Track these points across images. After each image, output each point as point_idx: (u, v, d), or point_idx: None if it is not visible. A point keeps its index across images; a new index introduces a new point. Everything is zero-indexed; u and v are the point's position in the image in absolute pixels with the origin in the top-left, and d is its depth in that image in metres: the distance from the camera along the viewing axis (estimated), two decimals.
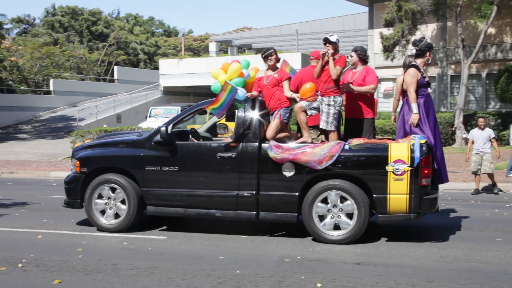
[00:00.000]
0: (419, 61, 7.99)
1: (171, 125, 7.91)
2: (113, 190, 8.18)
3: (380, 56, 25.50)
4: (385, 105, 26.78)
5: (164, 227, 8.56)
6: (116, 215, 8.20)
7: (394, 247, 7.15)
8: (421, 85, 7.81)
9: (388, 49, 23.40)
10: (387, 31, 23.75)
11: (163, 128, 7.82)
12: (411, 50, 10.47)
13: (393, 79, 26.79)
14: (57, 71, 45.75)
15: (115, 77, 45.74)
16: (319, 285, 5.60)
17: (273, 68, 8.06)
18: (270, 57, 8.03)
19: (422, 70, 7.88)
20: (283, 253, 6.89)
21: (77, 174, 8.41)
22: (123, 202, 8.12)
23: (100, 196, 8.22)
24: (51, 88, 39.43)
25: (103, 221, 8.23)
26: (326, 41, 7.81)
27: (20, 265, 6.37)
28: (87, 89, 41.74)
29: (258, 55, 37.62)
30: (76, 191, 8.37)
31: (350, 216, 7.29)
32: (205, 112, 7.98)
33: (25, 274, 6.06)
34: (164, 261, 6.55)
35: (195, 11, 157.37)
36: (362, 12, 33.42)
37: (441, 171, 7.83)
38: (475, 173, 12.07)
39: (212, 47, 46.75)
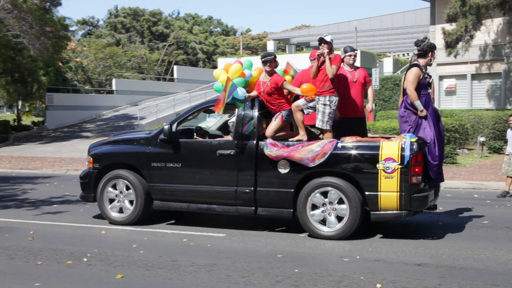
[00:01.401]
0: (421, 61, 7.94)
1: (175, 124, 8.33)
2: (123, 185, 8.62)
3: (442, 52, 24.83)
4: (447, 103, 26.08)
5: (173, 221, 8.92)
6: (124, 210, 8.65)
7: (457, 249, 6.94)
8: (422, 85, 7.78)
9: (450, 45, 22.74)
10: (449, 27, 23.08)
11: (166, 127, 8.21)
12: (475, 46, 10.15)
13: (456, 76, 26.09)
14: (119, 71, 46.99)
15: (175, 76, 46.50)
16: (378, 285, 5.51)
17: (270, 74, 8.11)
18: (269, 63, 8.07)
19: (424, 70, 7.85)
20: (341, 253, 6.82)
21: (91, 169, 8.93)
22: (131, 197, 8.57)
23: (111, 190, 8.70)
24: (114, 88, 40.48)
25: (113, 214, 8.69)
26: (321, 41, 7.93)
27: (85, 259, 6.58)
28: (147, 88, 42.60)
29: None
30: (90, 185, 8.90)
31: (342, 213, 7.43)
32: (211, 111, 8.32)
33: (89, 268, 6.25)
34: (222, 258, 6.61)
35: (253, 9, 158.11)
36: (424, 7, 32.61)
37: (440, 170, 7.82)
38: (507, 175, 11.39)
39: (270, 45, 46.77)
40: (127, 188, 8.61)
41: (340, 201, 7.43)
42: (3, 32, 26.12)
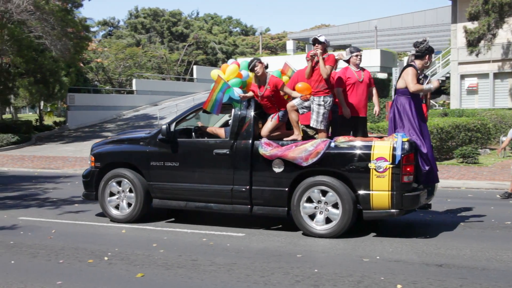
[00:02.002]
0: (418, 63, 8.00)
1: (173, 124, 8.47)
2: (123, 184, 8.81)
3: (463, 51, 24.59)
4: (469, 102, 25.81)
5: (172, 219, 9.09)
6: (124, 207, 8.83)
7: (479, 250, 6.86)
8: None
9: (472, 44, 22.50)
10: (471, 25, 22.83)
11: (164, 126, 8.40)
12: (498, 44, 10.04)
13: (478, 75, 25.79)
14: (139, 71, 47.33)
15: (194, 76, 46.68)
16: (399, 286, 5.47)
17: (263, 77, 8.16)
18: (255, 68, 8.10)
19: (419, 72, 7.92)
20: (361, 253, 6.78)
21: (92, 168, 9.15)
22: (131, 195, 8.75)
23: (111, 189, 8.89)
24: (134, 88, 40.77)
25: (113, 212, 8.90)
26: (315, 41, 7.98)
27: (106, 258, 6.64)
28: (167, 88, 42.81)
29: (335, 52, 37.22)
30: (92, 184, 9.10)
31: (335, 211, 7.51)
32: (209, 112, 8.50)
33: (110, 267, 6.30)
34: (242, 258, 6.61)
35: (272, 9, 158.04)
36: (445, 6, 32.31)
37: (434, 171, 7.89)
38: None
39: (290, 45, 46.69)
40: (128, 187, 8.78)
41: (333, 200, 7.51)
42: (26, 33, 26.46)
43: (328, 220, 7.59)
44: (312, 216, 7.67)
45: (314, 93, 7.93)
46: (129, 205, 8.82)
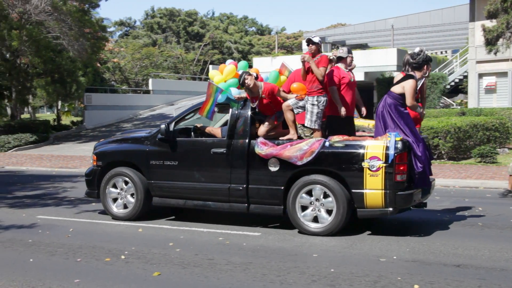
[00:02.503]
0: (417, 73, 8.11)
1: (173, 123, 8.65)
2: (124, 182, 8.96)
3: (481, 49, 24.34)
4: (487, 101, 25.56)
5: (172, 217, 9.21)
6: (126, 206, 8.99)
7: (497, 250, 6.78)
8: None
9: (490, 42, 22.24)
10: (489, 23, 22.58)
11: (163, 126, 8.56)
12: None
13: (496, 74, 25.53)
14: (156, 71, 47.56)
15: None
16: (416, 286, 5.43)
17: (256, 88, 8.16)
18: (246, 81, 8.09)
19: (417, 83, 8.03)
20: (378, 253, 6.75)
21: (94, 167, 9.32)
22: (132, 193, 8.91)
23: (113, 187, 9.06)
24: (150, 88, 40.97)
25: (114, 210, 9.06)
26: (310, 42, 8.11)
27: (122, 257, 6.68)
28: (183, 88, 42.94)
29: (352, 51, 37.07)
30: (94, 182, 9.28)
31: (330, 210, 7.59)
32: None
33: (127, 266, 6.34)
34: (258, 257, 6.62)
35: (288, 8, 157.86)
36: (463, 4, 32.01)
37: (425, 175, 7.94)
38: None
39: (305, 44, 46.64)
40: (129, 186, 8.93)
41: (328, 199, 7.59)
42: (44, 34, 26.73)
43: (323, 218, 7.66)
44: (307, 215, 7.75)
45: (308, 93, 8.04)
46: (126, 205, 8.97)
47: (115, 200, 9.09)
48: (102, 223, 8.88)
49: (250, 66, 9.11)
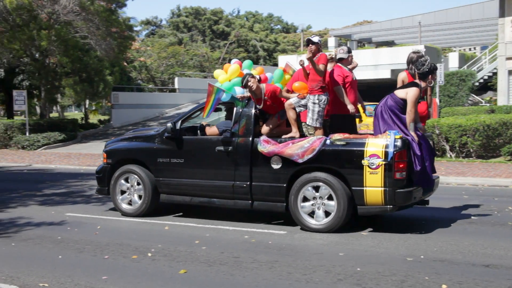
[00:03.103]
0: (422, 83, 8.09)
1: (179, 122, 8.85)
2: (133, 179, 9.16)
3: (511, 46, 23.90)
4: None
5: (180, 213, 9.41)
6: (134, 202, 9.18)
7: None
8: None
9: None
10: None
11: (169, 124, 8.76)
12: None
13: None
14: (182, 69, 47.82)
15: None
16: (444, 286, 5.36)
17: (258, 90, 8.26)
18: (249, 83, 8.18)
19: (421, 92, 8.03)
20: (405, 252, 6.68)
21: (104, 165, 9.56)
22: (140, 190, 9.09)
23: (122, 184, 9.27)
24: (176, 86, 41.20)
25: (123, 206, 9.27)
26: (309, 42, 8.13)
27: (149, 254, 6.74)
28: None
29: (378, 49, 36.56)
30: (104, 180, 9.50)
31: (331, 207, 7.67)
32: (219, 109, 9.36)
33: (153, 263, 6.39)
34: (284, 256, 6.61)
35: (314, 6, 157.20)
36: None
37: (428, 174, 7.98)
38: None
39: (331, 42, 46.28)
40: (137, 183, 9.14)
41: (329, 196, 7.68)
42: (72, 33, 27.09)
43: (324, 215, 7.76)
44: (308, 211, 7.86)
45: (309, 92, 8.09)
46: (135, 201, 9.18)
47: (124, 197, 9.30)
48: (129, 220, 8.97)
49: (256, 63, 9.20)
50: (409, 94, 7.89)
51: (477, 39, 44.05)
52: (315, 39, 8.17)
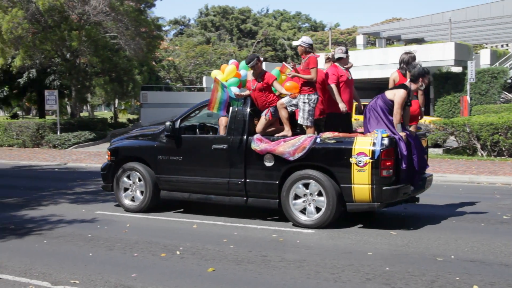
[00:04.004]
0: (413, 86, 8.25)
1: (178, 121, 9.11)
2: (135, 176, 9.49)
3: None
4: None
5: (181, 210, 9.67)
6: (136, 198, 9.53)
7: None
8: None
9: None
10: None
11: (167, 123, 9.02)
12: None
13: None
14: (210, 68, 47.99)
15: None
16: (475, 287, 5.28)
17: (259, 73, 8.61)
18: (254, 66, 8.58)
19: (410, 95, 8.17)
20: (435, 252, 6.60)
21: (109, 162, 9.91)
22: (142, 187, 9.43)
23: (125, 181, 9.60)
24: (204, 85, 41.37)
25: (126, 202, 9.63)
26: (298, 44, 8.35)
27: (178, 252, 6.79)
28: None
29: (407, 46, 36.13)
30: (108, 176, 9.87)
31: (321, 203, 7.87)
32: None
33: (182, 261, 6.44)
34: (312, 255, 6.59)
35: (342, 4, 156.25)
36: None
37: (413, 174, 8.04)
38: None
39: (360, 40, 45.92)
40: (139, 179, 9.46)
41: (319, 193, 7.87)
42: (102, 34, 27.43)
43: (315, 212, 7.97)
44: (299, 208, 8.07)
45: (300, 92, 8.25)
46: (137, 198, 9.51)
47: (126, 193, 9.64)
48: (158, 219, 9.05)
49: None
50: (397, 96, 8.02)
51: (510, 36, 43.17)
52: (296, 42, 8.42)
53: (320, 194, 7.86)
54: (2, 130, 26.61)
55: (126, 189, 9.65)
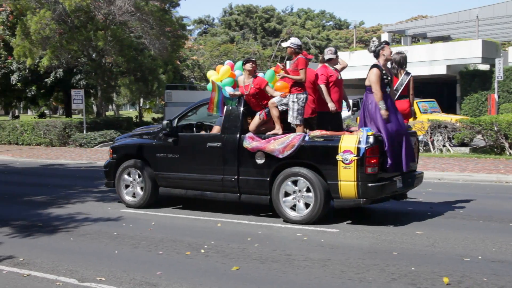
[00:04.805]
0: (381, 61, 8.42)
1: (176, 120, 9.51)
2: (135, 173, 9.86)
3: None
4: None
5: (180, 205, 10.01)
6: (136, 195, 9.90)
7: None
8: (382, 84, 8.23)
9: None
10: None
11: (164, 122, 9.44)
12: None
13: None
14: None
15: None
16: None
17: (252, 74, 8.86)
18: (250, 64, 8.86)
19: (384, 70, 8.31)
20: (462, 252, 6.51)
21: (111, 160, 10.32)
22: (141, 184, 9.79)
23: (125, 178, 9.96)
24: None
25: (127, 198, 10.00)
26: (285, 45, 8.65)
27: (202, 251, 6.82)
28: None
29: (433, 44, 35.70)
30: (111, 174, 10.24)
31: (309, 200, 8.09)
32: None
33: (206, 259, 6.46)
34: (337, 254, 6.56)
35: (367, 1, 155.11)
36: None
37: (401, 161, 8.18)
38: None
39: (384, 38, 45.35)
40: (139, 176, 9.84)
41: (307, 189, 8.10)
42: (127, 33, 27.66)
43: (303, 208, 8.18)
44: (289, 204, 8.30)
45: (290, 91, 8.49)
46: (137, 194, 9.88)
47: (127, 189, 9.98)
48: (182, 217, 9.10)
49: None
50: (369, 76, 8.25)
51: None
52: (285, 44, 8.64)
53: (308, 190, 8.08)
54: (30, 129, 27.01)
55: (127, 186, 9.99)
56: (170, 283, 5.62)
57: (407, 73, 9.16)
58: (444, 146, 17.42)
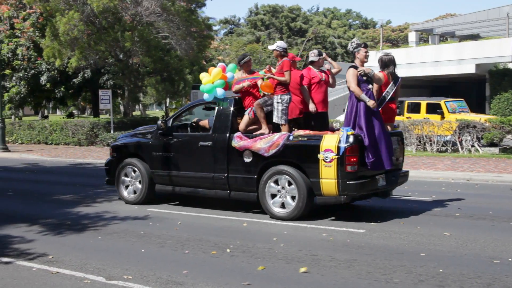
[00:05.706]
0: (357, 62, 8.72)
1: (171, 119, 9.96)
2: (133, 171, 10.27)
3: None
4: None
5: (176, 202, 10.40)
6: (134, 191, 10.30)
7: None
8: (360, 81, 8.50)
9: None
10: None
11: (159, 122, 9.86)
12: None
13: None
14: (259, 67, 48.09)
15: None
16: None
17: (248, 68, 9.40)
18: (247, 62, 9.40)
19: (360, 70, 8.52)
20: (491, 254, 6.40)
21: (111, 158, 10.76)
22: (139, 181, 10.20)
23: (124, 175, 10.39)
24: None
25: (125, 194, 10.40)
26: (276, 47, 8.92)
27: (228, 250, 6.83)
28: None
29: (462, 42, 35.17)
30: (111, 172, 10.66)
31: (293, 196, 8.44)
32: (212, 108, 9.97)
33: (232, 259, 6.47)
34: (363, 255, 6.51)
35: (393, 0, 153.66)
36: None
37: (382, 159, 8.39)
38: None
39: (412, 37, 45.02)
40: (136, 174, 10.24)
41: (291, 187, 8.43)
42: (154, 34, 27.87)
43: (288, 204, 8.50)
44: (274, 201, 8.64)
45: (274, 92, 8.83)
46: (138, 189, 10.23)
47: (126, 186, 10.40)
48: (208, 217, 9.13)
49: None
50: (347, 78, 8.51)
51: None
52: (272, 46, 8.93)
53: (292, 188, 8.40)
54: (58, 129, 27.41)
55: (125, 184, 10.37)
56: (196, 282, 5.65)
57: (395, 81, 9.21)
58: (472, 146, 17.18)
